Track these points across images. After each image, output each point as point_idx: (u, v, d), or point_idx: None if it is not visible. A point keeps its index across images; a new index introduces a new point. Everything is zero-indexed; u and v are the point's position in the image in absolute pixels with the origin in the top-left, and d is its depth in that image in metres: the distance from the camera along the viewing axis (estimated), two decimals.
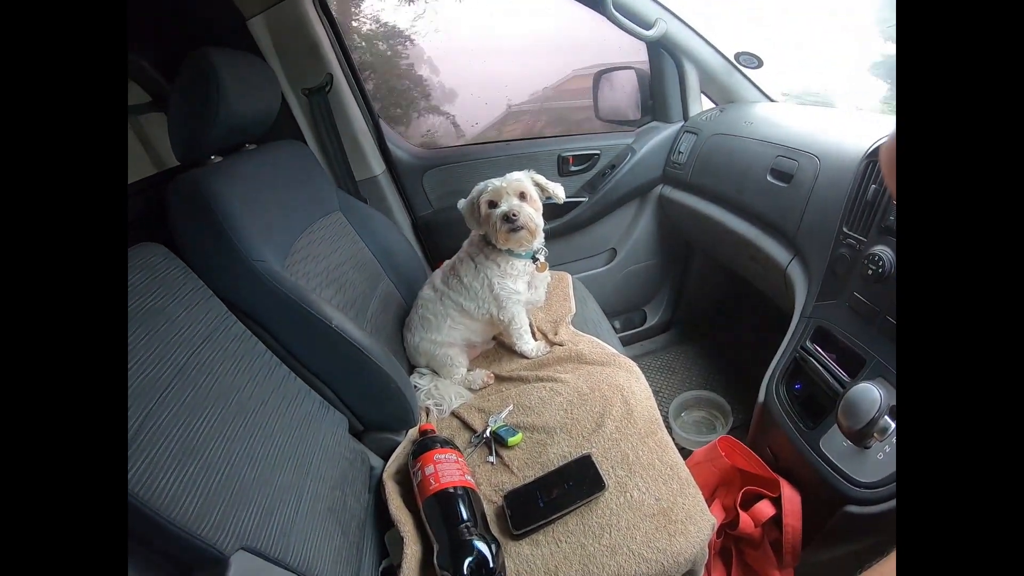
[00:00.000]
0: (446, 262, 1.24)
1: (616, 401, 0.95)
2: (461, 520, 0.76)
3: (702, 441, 1.30)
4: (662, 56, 1.51)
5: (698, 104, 1.58)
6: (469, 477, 0.85)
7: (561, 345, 1.17)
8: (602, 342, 1.16)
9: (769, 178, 1.18)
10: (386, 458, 0.97)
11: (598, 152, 1.61)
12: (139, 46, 1.21)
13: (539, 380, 1.09)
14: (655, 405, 0.98)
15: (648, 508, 0.78)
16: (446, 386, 1.15)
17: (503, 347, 1.25)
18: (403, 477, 0.91)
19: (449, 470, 0.83)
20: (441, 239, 1.60)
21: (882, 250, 0.81)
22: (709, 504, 0.83)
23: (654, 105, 1.63)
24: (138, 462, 0.53)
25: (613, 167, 1.59)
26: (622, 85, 1.66)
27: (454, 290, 1.16)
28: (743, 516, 0.88)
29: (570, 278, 1.43)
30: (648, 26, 1.40)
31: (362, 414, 0.97)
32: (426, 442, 0.88)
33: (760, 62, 1.45)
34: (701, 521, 0.77)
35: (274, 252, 0.90)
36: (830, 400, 0.83)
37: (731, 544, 0.94)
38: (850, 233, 0.91)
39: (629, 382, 1.00)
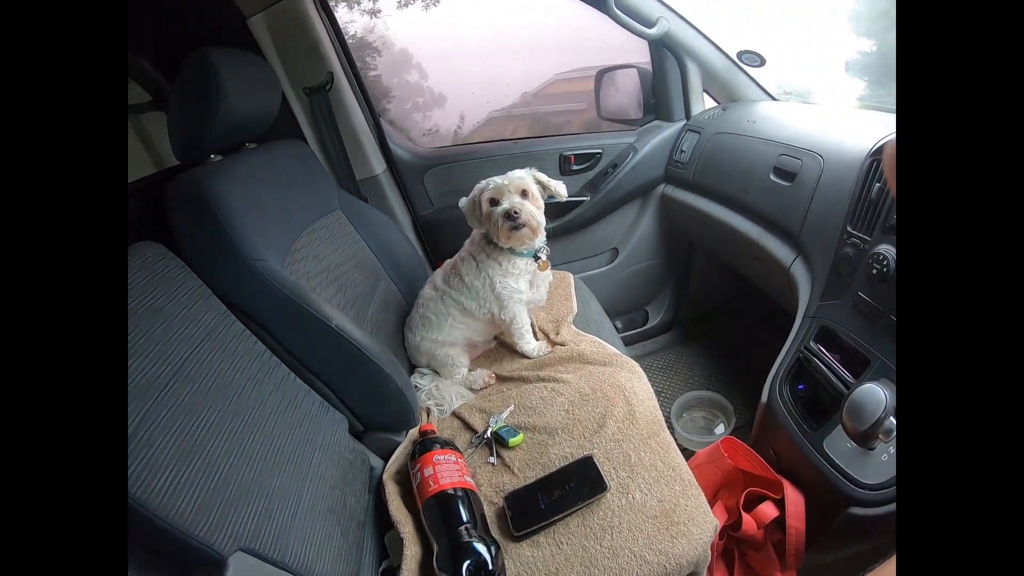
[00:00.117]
0: (447, 261, 1.23)
1: (618, 401, 0.94)
2: (460, 522, 0.75)
3: (704, 442, 1.30)
4: (664, 54, 1.51)
5: (700, 103, 1.58)
6: (469, 478, 0.85)
7: (563, 345, 1.17)
8: (604, 342, 1.15)
9: (772, 177, 1.17)
10: (386, 458, 0.97)
11: (600, 151, 1.60)
12: (139, 45, 1.21)
13: (540, 380, 1.08)
14: (657, 406, 0.98)
15: (650, 509, 0.78)
16: (447, 386, 1.14)
17: (504, 347, 1.25)
18: (403, 478, 0.90)
19: (449, 471, 0.82)
20: (442, 238, 1.59)
21: (886, 249, 0.80)
22: (712, 505, 0.83)
23: (656, 104, 1.62)
24: (136, 462, 0.53)
25: (615, 166, 1.59)
26: (624, 84, 1.65)
27: (455, 289, 1.16)
28: (746, 518, 0.88)
29: (572, 278, 1.43)
30: (650, 24, 1.39)
31: (362, 414, 0.96)
32: (426, 443, 0.88)
33: (763, 60, 1.45)
34: (703, 523, 0.76)
35: (274, 251, 0.90)
36: (834, 401, 0.83)
37: (734, 546, 0.94)
38: (854, 232, 0.90)
39: (631, 382, 0.99)
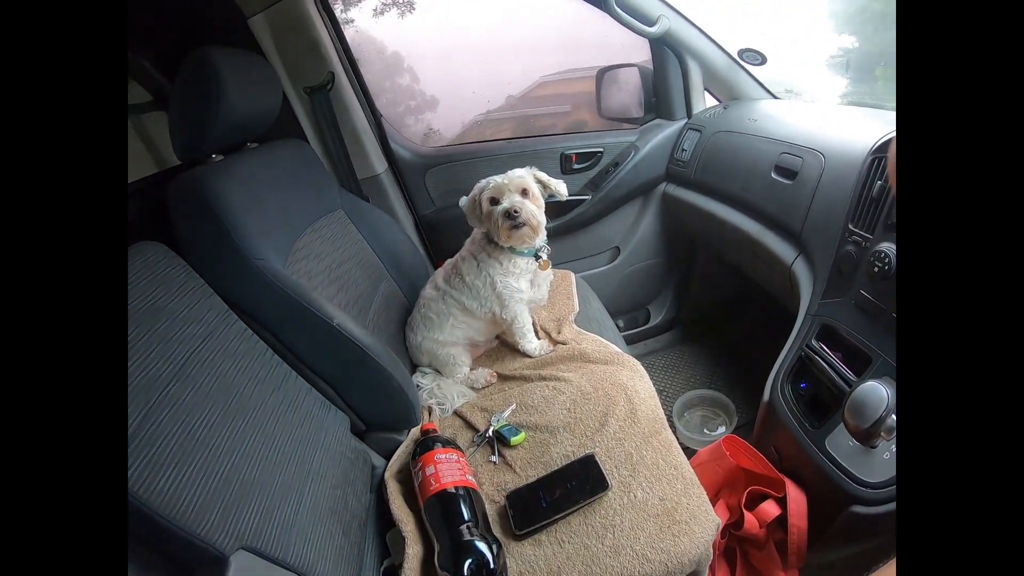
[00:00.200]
0: (448, 261, 1.23)
1: (620, 400, 0.94)
2: (462, 520, 0.75)
3: (706, 440, 1.30)
4: (665, 53, 1.50)
5: (701, 101, 1.57)
6: (471, 477, 0.85)
7: (564, 344, 1.17)
8: (605, 341, 1.15)
9: (773, 175, 1.17)
10: (388, 457, 0.97)
11: (601, 150, 1.60)
12: (140, 45, 1.21)
13: (542, 379, 1.08)
14: (659, 404, 0.97)
15: (652, 508, 0.78)
16: (448, 385, 1.14)
17: (506, 346, 1.25)
18: (405, 476, 0.90)
19: (450, 470, 0.82)
20: (444, 237, 1.59)
21: (888, 247, 0.80)
22: (713, 504, 0.83)
23: (657, 102, 1.62)
24: (137, 461, 0.53)
25: (616, 165, 1.58)
26: (625, 82, 1.65)
27: (456, 289, 1.16)
28: (748, 516, 0.87)
29: (573, 276, 1.43)
30: (651, 23, 1.39)
31: (364, 413, 0.96)
32: (427, 442, 0.88)
33: (764, 59, 1.44)
34: (705, 521, 0.76)
35: (275, 251, 0.90)
36: (836, 399, 0.82)
37: (735, 545, 0.94)
38: (856, 230, 0.90)
39: (633, 381, 0.99)
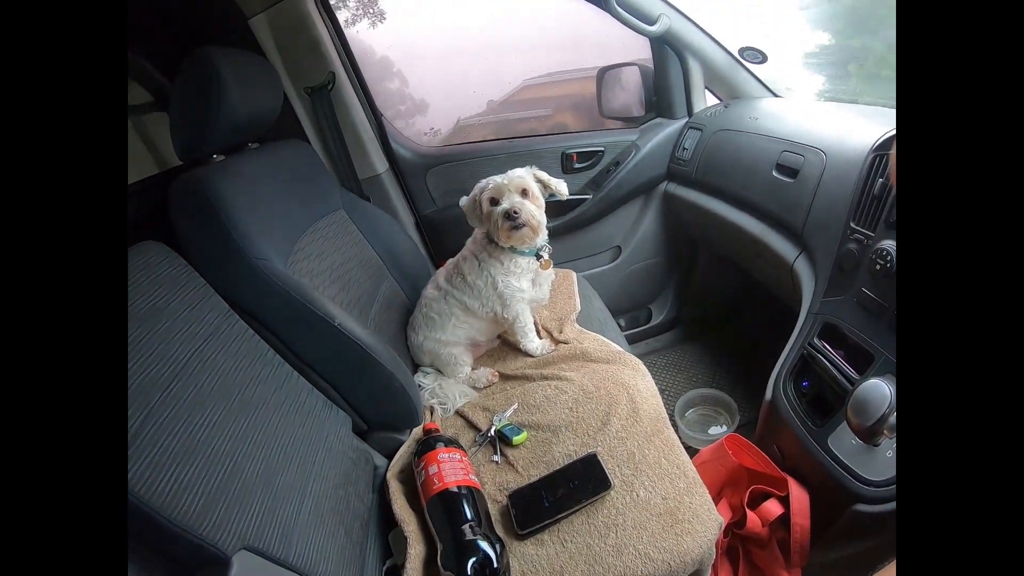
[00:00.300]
0: (450, 260, 1.23)
1: (622, 399, 0.94)
2: (464, 520, 0.75)
3: (708, 439, 1.30)
4: (666, 52, 1.50)
5: (702, 100, 1.57)
6: (473, 476, 0.84)
7: (566, 343, 1.17)
8: (607, 340, 1.15)
9: (775, 174, 1.17)
10: (390, 457, 0.97)
11: (602, 149, 1.60)
12: (140, 45, 1.21)
13: (544, 378, 1.08)
14: (661, 403, 0.97)
15: (654, 507, 0.77)
16: (450, 385, 1.14)
17: (508, 345, 1.25)
18: (407, 476, 0.90)
19: (452, 469, 0.82)
20: (445, 237, 1.59)
21: (890, 245, 0.80)
22: (716, 503, 0.82)
23: (658, 101, 1.62)
24: (139, 461, 0.53)
25: (617, 164, 1.58)
26: (626, 82, 1.64)
27: (458, 288, 1.16)
28: (750, 515, 0.87)
29: (575, 276, 1.43)
30: (651, 21, 1.39)
31: (366, 413, 0.96)
32: (429, 441, 0.88)
33: (764, 57, 1.44)
34: (708, 520, 0.76)
35: (277, 251, 0.90)
36: (838, 397, 0.82)
37: (738, 544, 0.94)
38: (857, 228, 0.89)
39: (635, 380, 0.99)
